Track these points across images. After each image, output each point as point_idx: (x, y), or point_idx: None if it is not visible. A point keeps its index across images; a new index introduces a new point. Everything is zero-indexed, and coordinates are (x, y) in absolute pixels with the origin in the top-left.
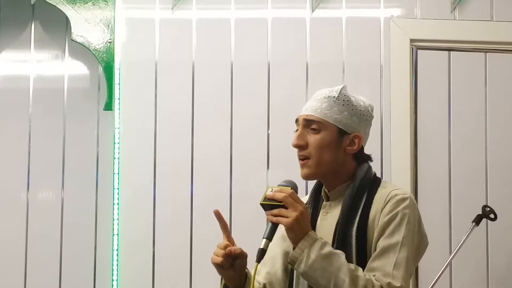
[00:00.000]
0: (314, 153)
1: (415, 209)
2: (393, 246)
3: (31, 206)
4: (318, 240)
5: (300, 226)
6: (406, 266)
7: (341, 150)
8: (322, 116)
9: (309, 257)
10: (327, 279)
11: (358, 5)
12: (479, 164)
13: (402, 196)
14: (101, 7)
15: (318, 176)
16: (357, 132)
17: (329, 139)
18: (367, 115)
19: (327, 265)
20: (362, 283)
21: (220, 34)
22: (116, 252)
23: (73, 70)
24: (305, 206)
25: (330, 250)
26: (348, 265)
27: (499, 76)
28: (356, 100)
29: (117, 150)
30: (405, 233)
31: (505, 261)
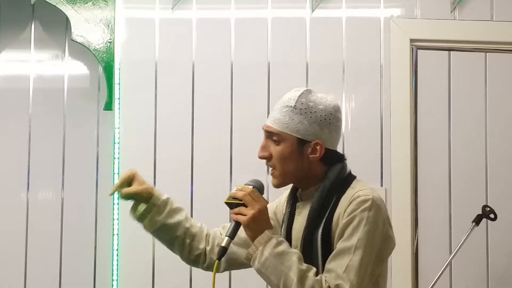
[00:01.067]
0: (277, 164)
1: (378, 210)
2: (348, 248)
3: (31, 206)
4: (273, 238)
5: (257, 224)
6: (359, 269)
7: (304, 159)
8: (280, 128)
9: (262, 254)
10: (277, 277)
11: (358, 5)
12: (479, 164)
13: (364, 197)
14: (101, 7)
15: (287, 184)
16: (318, 139)
17: (290, 150)
18: (330, 119)
19: (278, 263)
20: (310, 283)
21: (220, 34)
22: (116, 252)
23: (73, 70)
24: (264, 205)
25: (284, 249)
26: (300, 265)
27: (499, 76)
28: (316, 106)
29: (117, 150)
30: (361, 235)
31: (505, 261)
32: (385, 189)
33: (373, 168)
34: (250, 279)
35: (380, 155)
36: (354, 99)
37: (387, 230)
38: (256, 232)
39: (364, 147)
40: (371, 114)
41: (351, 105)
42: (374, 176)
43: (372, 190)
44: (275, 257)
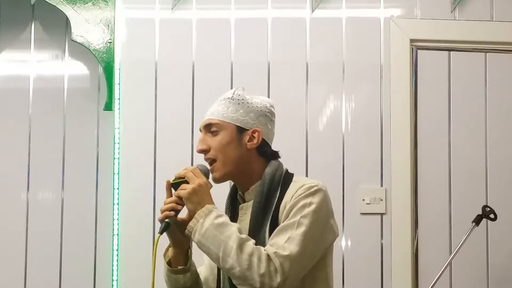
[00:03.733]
0: (218, 154)
1: (323, 197)
2: (290, 224)
3: (31, 206)
4: (213, 211)
5: (198, 197)
6: (301, 241)
7: (243, 147)
8: (219, 118)
9: (202, 226)
10: (217, 247)
11: (358, 5)
12: (479, 164)
13: (310, 184)
14: (101, 7)
15: (228, 176)
16: (255, 127)
17: (229, 137)
18: (265, 110)
19: (218, 233)
20: (249, 250)
21: (220, 34)
22: (116, 252)
23: (73, 70)
24: (205, 181)
25: (223, 220)
26: (239, 235)
27: (499, 76)
28: (252, 99)
29: (117, 150)
30: (306, 213)
31: (505, 261)
32: (385, 189)
33: (373, 168)
34: None
35: (380, 155)
36: (354, 99)
37: (329, 218)
38: (196, 205)
39: (364, 147)
40: (371, 114)
41: (351, 105)
42: (374, 176)
43: (319, 181)
44: (215, 227)
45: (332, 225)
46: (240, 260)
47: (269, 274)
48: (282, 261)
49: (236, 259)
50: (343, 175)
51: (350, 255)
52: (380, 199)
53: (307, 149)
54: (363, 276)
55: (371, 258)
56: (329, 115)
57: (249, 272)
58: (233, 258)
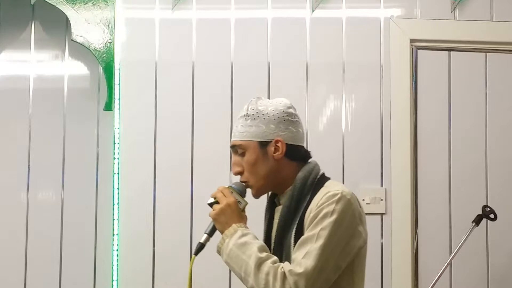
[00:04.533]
0: (249, 174)
1: (347, 204)
2: (310, 237)
3: (31, 206)
4: (238, 231)
5: (225, 217)
6: (319, 255)
7: (271, 159)
8: (240, 138)
9: (228, 246)
10: (239, 266)
11: (358, 5)
12: (479, 164)
13: (333, 192)
14: (101, 7)
15: (264, 189)
16: (276, 136)
17: (255, 155)
18: (282, 116)
19: (241, 253)
20: (266, 269)
21: (220, 34)
22: (116, 252)
23: (73, 70)
24: (233, 200)
25: (246, 240)
26: (259, 253)
27: (499, 76)
28: (267, 108)
29: (117, 150)
30: (325, 225)
31: (505, 261)
32: (385, 189)
33: (373, 168)
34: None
35: (380, 155)
36: (354, 99)
37: (356, 225)
38: (224, 225)
39: (364, 147)
40: (371, 114)
41: (351, 105)
42: (374, 176)
43: (345, 187)
44: (238, 247)
45: (360, 231)
46: (258, 280)
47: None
48: (296, 279)
49: (254, 278)
50: (343, 175)
51: None
52: (380, 199)
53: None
54: None
55: (371, 258)
56: (329, 115)
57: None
58: (252, 278)
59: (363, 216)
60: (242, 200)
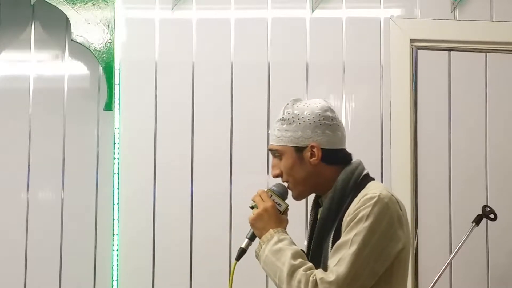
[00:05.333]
0: (288, 177)
1: (384, 207)
2: (344, 243)
3: (31, 206)
4: (274, 236)
5: (263, 222)
6: (351, 262)
7: (307, 164)
8: (277, 143)
9: (264, 252)
10: (274, 273)
11: (358, 5)
12: (479, 164)
13: (370, 195)
14: (101, 7)
15: (304, 193)
16: (312, 142)
17: (291, 160)
18: (318, 120)
19: (275, 259)
20: (298, 276)
21: (220, 34)
22: (116, 252)
23: (73, 70)
24: (270, 204)
25: (281, 246)
26: (293, 260)
27: (499, 76)
28: (302, 112)
29: (117, 150)
30: (359, 230)
31: (505, 261)
32: None
33: (373, 168)
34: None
35: (380, 155)
36: (354, 99)
37: (395, 229)
38: (261, 230)
39: (364, 147)
40: (371, 114)
41: (351, 105)
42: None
43: (384, 189)
44: (273, 254)
45: (398, 235)
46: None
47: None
48: (327, 287)
49: (287, 286)
50: None
51: None
52: None
53: None
54: None
55: None
56: None
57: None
58: (285, 286)
59: (403, 219)
60: (282, 203)
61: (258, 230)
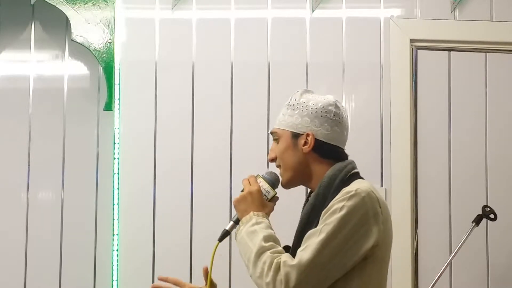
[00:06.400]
0: (280, 161)
1: (360, 202)
2: (315, 232)
3: (31, 206)
4: (253, 218)
5: (245, 204)
6: (316, 250)
7: (300, 152)
8: (278, 126)
9: (240, 232)
10: (245, 253)
11: (358, 5)
12: (479, 164)
13: (348, 189)
14: (101, 7)
15: (292, 181)
16: (309, 130)
17: (286, 144)
18: (321, 111)
19: (248, 240)
20: (264, 258)
21: (220, 34)
22: (116, 252)
23: (73, 70)
24: (256, 188)
25: (256, 228)
26: (264, 242)
27: (499, 76)
28: (309, 101)
29: (117, 150)
30: (331, 220)
31: (505, 261)
32: (385, 189)
33: (373, 168)
34: None
35: (380, 155)
36: (354, 99)
37: (369, 225)
38: (243, 212)
39: (364, 147)
40: (371, 114)
41: (351, 105)
42: (374, 176)
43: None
44: (247, 235)
45: (372, 230)
46: (256, 268)
47: (274, 283)
48: (288, 271)
49: (253, 267)
50: None
51: None
52: None
53: None
54: None
55: None
56: None
57: (260, 280)
58: (253, 266)
59: (381, 217)
60: (270, 190)
61: (240, 212)
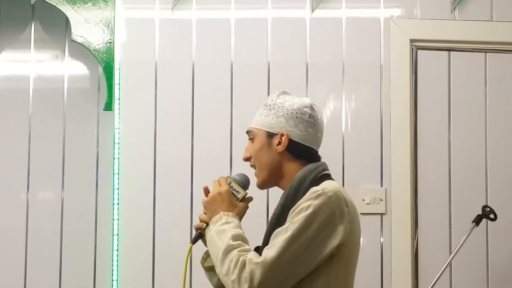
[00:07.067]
0: (255, 160)
1: (326, 201)
2: (281, 230)
3: (31, 206)
4: (223, 218)
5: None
6: (282, 247)
7: (274, 151)
8: (253, 125)
9: (210, 231)
10: (214, 253)
11: (358, 5)
12: (479, 164)
13: (316, 189)
14: (101, 7)
15: (266, 181)
16: (284, 130)
17: (260, 143)
18: (297, 112)
19: (217, 239)
20: (231, 256)
21: (220, 34)
22: (116, 252)
23: (73, 70)
24: (225, 189)
25: (225, 227)
26: (232, 241)
27: (499, 76)
28: (285, 102)
29: (117, 150)
30: (297, 218)
31: (505, 261)
32: (385, 189)
33: (373, 168)
34: None
35: (380, 155)
36: (354, 99)
37: (336, 224)
38: (212, 212)
39: (364, 147)
40: (371, 114)
41: (351, 105)
42: (374, 176)
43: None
44: (216, 234)
45: (338, 229)
46: (223, 266)
47: (239, 281)
48: (253, 268)
49: (221, 264)
50: (343, 175)
51: None
52: (380, 199)
53: None
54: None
55: (371, 258)
56: (329, 115)
57: (226, 278)
58: (220, 264)
59: (347, 216)
60: (241, 190)
61: (209, 212)
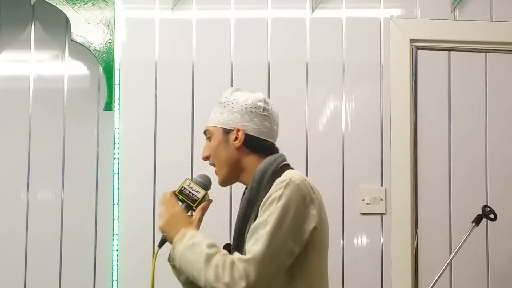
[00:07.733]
0: (214, 158)
1: (296, 188)
2: (259, 224)
3: (31, 206)
4: (187, 234)
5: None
6: (268, 240)
7: (231, 147)
8: (210, 123)
9: (178, 251)
10: (191, 267)
11: (358, 5)
12: (479, 164)
13: (282, 179)
14: (101, 7)
15: (228, 177)
16: (239, 126)
17: (218, 140)
18: (250, 107)
19: (190, 254)
20: (215, 262)
21: (220, 34)
22: (116, 252)
23: (73, 70)
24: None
25: (194, 241)
26: (208, 250)
27: (499, 76)
28: (238, 98)
29: (117, 150)
30: (272, 210)
31: (505, 261)
32: (385, 189)
33: (373, 168)
34: None
35: (380, 155)
36: (354, 99)
37: (308, 208)
38: (171, 232)
39: (364, 147)
40: (371, 114)
41: (351, 105)
42: (374, 176)
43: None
44: (187, 249)
45: (312, 213)
46: (208, 275)
47: (234, 281)
48: (245, 265)
49: (205, 274)
50: (343, 175)
51: (350, 255)
52: (380, 199)
53: (307, 149)
54: (363, 276)
55: (371, 258)
56: (329, 115)
57: (217, 284)
58: (204, 275)
59: (316, 201)
60: (201, 190)
61: (169, 234)
